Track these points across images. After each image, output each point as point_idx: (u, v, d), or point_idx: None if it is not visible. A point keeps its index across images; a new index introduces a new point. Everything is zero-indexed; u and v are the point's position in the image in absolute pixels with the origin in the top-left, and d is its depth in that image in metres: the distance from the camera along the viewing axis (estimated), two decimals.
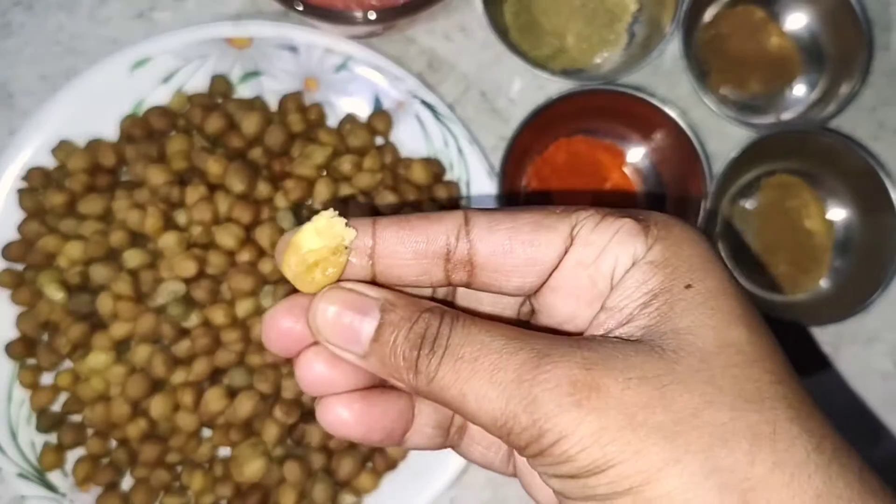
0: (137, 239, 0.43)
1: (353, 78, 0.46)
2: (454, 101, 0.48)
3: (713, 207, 0.44)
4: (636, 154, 0.48)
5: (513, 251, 0.22)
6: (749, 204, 0.47)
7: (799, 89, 0.48)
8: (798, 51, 0.47)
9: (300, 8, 0.41)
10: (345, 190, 0.44)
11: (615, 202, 0.46)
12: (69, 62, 0.48)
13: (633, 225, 0.21)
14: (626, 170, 0.47)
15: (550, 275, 0.22)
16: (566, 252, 0.22)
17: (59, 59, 0.48)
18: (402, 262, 0.22)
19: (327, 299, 0.21)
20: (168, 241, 0.41)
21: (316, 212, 0.43)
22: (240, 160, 0.43)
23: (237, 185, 0.42)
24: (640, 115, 0.46)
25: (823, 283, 0.46)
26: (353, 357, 0.22)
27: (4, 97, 0.48)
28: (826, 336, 0.47)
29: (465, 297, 0.25)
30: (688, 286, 0.20)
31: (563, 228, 0.21)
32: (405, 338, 0.21)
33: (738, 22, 0.48)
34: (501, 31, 0.46)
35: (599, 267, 0.21)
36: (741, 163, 0.44)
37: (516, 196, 0.46)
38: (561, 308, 0.22)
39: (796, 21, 0.48)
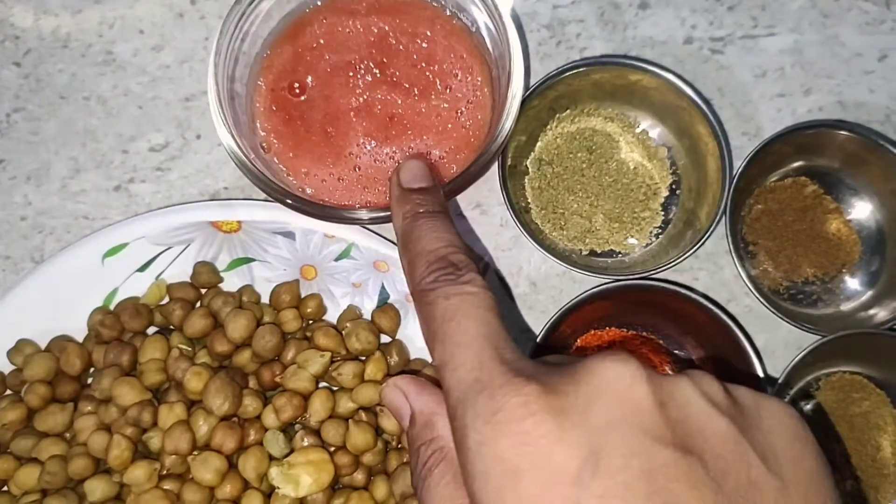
0: (102, 462, 0.37)
1: (357, 267, 0.40)
2: None
3: None
4: (678, 349, 0.42)
5: None
6: (808, 407, 0.41)
7: (860, 276, 0.42)
8: (857, 231, 0.42)
9: (290, 202, 0.35)
10: (344, 403, 0.38)
11: None
12: (35, 241, 0.43)
13: None
14: (668, 369, 0.41)
15: None
16: None
17: (24, 237, 0.43)
18: None
19: (386, 391, 0.27)
20: (137, 474, 0.35)
21: (309, 430, 0.37)
22: (224, 372, 0.37)
23: (220, 405, 0.36)
24: (680, 310, 0.40)
25: None
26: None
27: None
28: None
29: None
30: None
31: None
32: (414, 452, 0.25)
33: (790, 197, 0.42)
34: (520, 210, 0.41)
35: None
36: (799, 366, 0.38)
37: None
38: None
39: (856, 204, 0.42)
